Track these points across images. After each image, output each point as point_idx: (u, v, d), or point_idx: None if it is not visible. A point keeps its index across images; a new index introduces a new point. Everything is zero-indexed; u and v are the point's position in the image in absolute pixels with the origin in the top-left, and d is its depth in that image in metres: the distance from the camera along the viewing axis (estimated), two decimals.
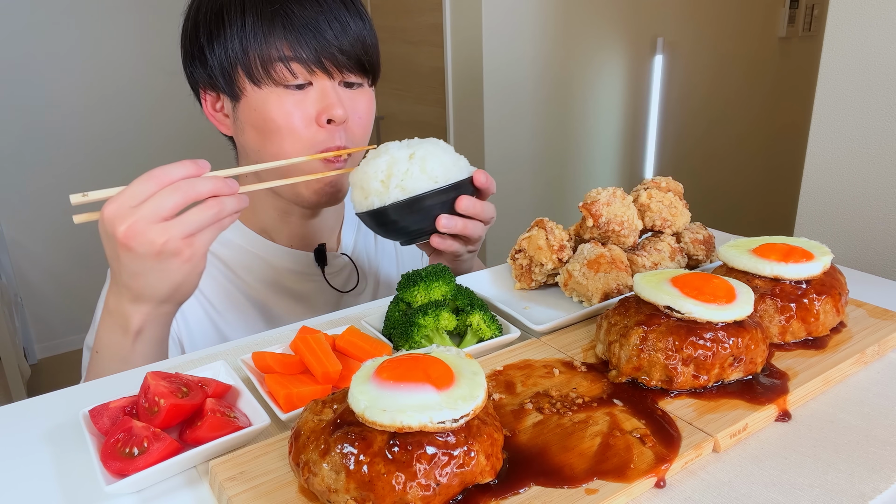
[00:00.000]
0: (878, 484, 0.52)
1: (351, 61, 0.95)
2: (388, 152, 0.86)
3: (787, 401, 0.62)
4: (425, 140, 0.89)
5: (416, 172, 0.84)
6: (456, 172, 0.87)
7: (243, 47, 0.93)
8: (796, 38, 3.23)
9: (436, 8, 2.55)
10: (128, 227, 0.70)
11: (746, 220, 3.43)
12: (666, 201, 0.92)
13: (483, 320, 0.75)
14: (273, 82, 0.93)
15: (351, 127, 0.98)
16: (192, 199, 0.72)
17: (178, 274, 0.74)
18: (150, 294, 0.76)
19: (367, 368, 0.53)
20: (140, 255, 0.71)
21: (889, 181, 1.18)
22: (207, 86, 1.00)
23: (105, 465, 0.54)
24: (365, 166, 0.87)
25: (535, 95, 2.68)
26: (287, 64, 0.92)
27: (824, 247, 0.77)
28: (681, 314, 0.64)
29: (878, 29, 1.15)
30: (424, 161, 0.85)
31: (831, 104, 1.24)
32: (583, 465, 0.53)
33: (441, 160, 0.86)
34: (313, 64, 0.93)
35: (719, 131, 3.22)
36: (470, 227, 0.89)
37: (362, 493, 0.47)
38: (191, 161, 0.73)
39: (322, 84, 0.95)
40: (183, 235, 0.72)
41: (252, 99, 0.95)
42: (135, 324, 0.78)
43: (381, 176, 0.85)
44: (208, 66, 0.97)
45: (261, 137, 0.97)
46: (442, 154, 0.87)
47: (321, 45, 0.92)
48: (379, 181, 0.85)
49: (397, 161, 0.85)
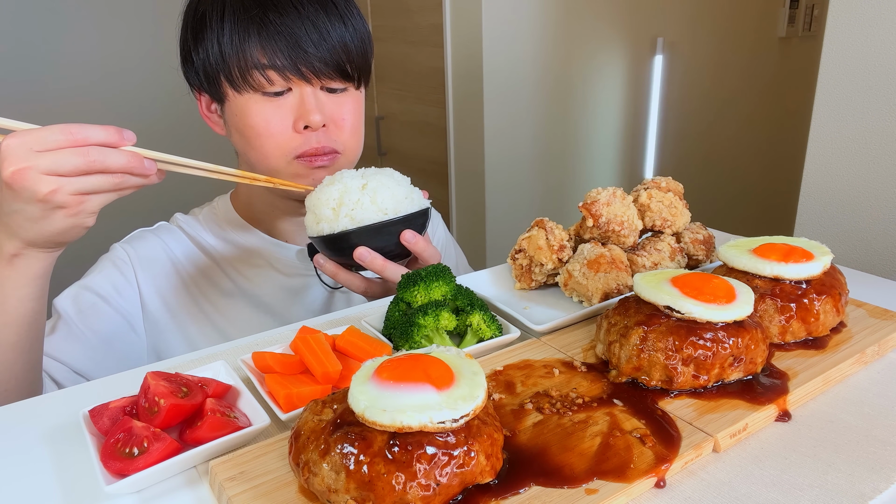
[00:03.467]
0: (878, 484, 0.52)
1: (329, 67, 0.95)
2: (343, 181, 0.88)
3: (787, 401, 0.62)
4: (380, 170, 0.92)
5: (367, 203, 0.87)
6: (407, 205, 0.89)
7: (222, 53, 0.93)
8: (796, 38, 3.23)
9: (436, 8, 2.55)
10: (17, 169, 0.68)
11: (746, 220, 3.43)
12: (666, 201, 0.92)
13: (483, 320, 0.75)
14: (252, 88, 0.94)
15: (335, 131, 0.99)
16: (96, 170, 0.70)
17: (58, 224, 0.72)
18: (22, 234, 0.74)
19: (367, 368, 0.53)
20: (21, 198, 0.69)
21: (889, 181, 1.18)
22: (198, 87, 1.01)
23: (105, 465, 0.54)
24: (319, 192, 0.89)
25: (536, 95, 2.68)
26: (262, 72, 0.93)
27: (824, 247, 0.77)
28: (681, 314, 0.64)
29: (878, 29, 1.15)
30: (376, 192, 0.87)
31: (831, 104, 1.24)
32: (583, 465, 0.53)
33: (392, 192, 0.88)
34: (289, 71, 0.93)
35: (719, 131, 3.21)
36: (389, 269, 0.88)
37: (362, 494, 0.47)
38: (116, 129, 0.72)
39: (301, 90, 0.95)
40: (74, 193, 0.70)
41: (234, 104, 0.96)
42: (7, 251, 0.75)
43: (332, 203, 0.87)
44: (195, 68, 0.98)
45: (244, 141, 0.98)
46: (395, 186, 0.89)
47: (297, 52, 0.92)
48: (330, 208, 0.87)
49: (349, 190, 0.87)
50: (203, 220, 1.10)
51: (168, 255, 1.05)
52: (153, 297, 1.02)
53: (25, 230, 0.73)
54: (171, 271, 1.04)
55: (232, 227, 1.09)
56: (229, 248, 1.08)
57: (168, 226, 1.09)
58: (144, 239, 1.05)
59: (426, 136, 2.83)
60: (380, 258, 0.88)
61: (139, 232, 1.07)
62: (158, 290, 1.03)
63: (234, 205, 1.11)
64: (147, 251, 1.04)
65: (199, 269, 1.06)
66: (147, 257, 1.03)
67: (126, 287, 1.00)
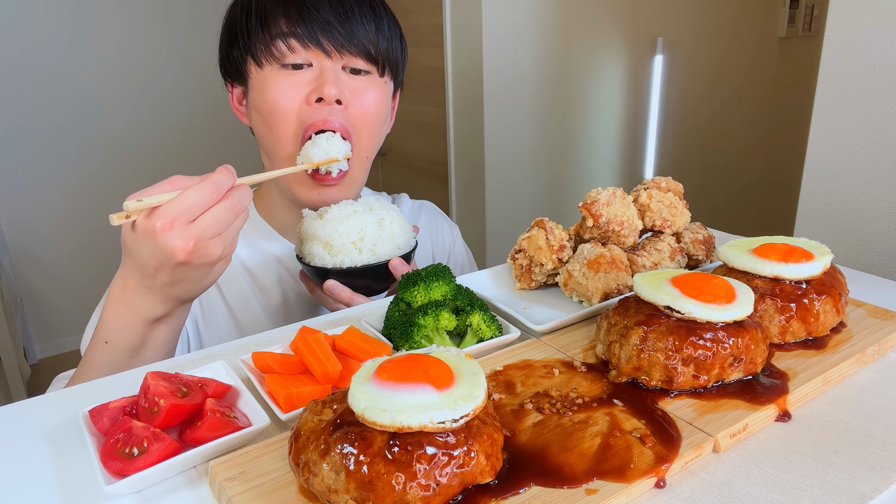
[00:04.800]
0: (878, 484, 0.52)
1: (351, 43, 0.95)
2: (360, 217, 0.93)
3: (787, 401, 0.62)
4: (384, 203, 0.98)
5: (386, 238, 0.94)
6: (410, 238, 0.98)
7: (248, 28, 0.95)
8: (796, 38, 3.23)
9: (436, 8, 2.55)
10: (192, 248, 0.69)
11: (746, 221, 3.43)
12: (666, 201, 0.92)
13: (483, 320, 0.75)
14: (273, 59, 0.95)
15: (352, 113, 0.98)
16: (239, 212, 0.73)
17: (218, 273, 0.76)
18: (186, 297, 0.77)
19: (367, 368, 0.53)
20: (196, 267, 0.72)
21: (889, 181, 1.18)
22: (231, 77, 1.04)
23: (105, 466, 0.54)
24: (336, 223, 0.92)
25: (536, 95, 2.68)
26: (284, 39, 0.94)
27: (824, 247, 0.77)
28: (681, 314, 0.64)
29: (878, 29, 1.15)
30: (392, 227, 0.95)
31: (831, 104, 1.24)
32: (583, 465, 0.53)
33: (402, 226, 0.96)
34: (308, 39, 0.94)
35: (719, 131, 3.21)
36: (357, 300, 0.92)
37: (362, 494, 0.47)
38: (228, 169, 0.73)
39: (321, 64, 0.96)
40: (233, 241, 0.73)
41: (255, 81, 0.97)
42: (156, 314, 0.78)
43: (353, 238, 0.92)
44: (230, 57, 1.01)
45: (262, 121, 0.99)
46: (403, 221, 0.97)
47: (319, 23, 0.94)
48: (351, 242, 0.92)
49: (368, 225, 0.93)
50: None
51: None
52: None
53: (189, 292, 0.76)
54: None
55: (257, 233, 1.09)
56: (251, 253, 1.08)
57: None
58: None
59: (426, 136, 2.83)
60: (347, 290, 0.92)
61: None
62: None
63: (258, 208, 1.12)
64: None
65: (228, 274, 1.06)
66: None
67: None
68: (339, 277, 0.93)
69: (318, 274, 0.93)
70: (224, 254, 0.73)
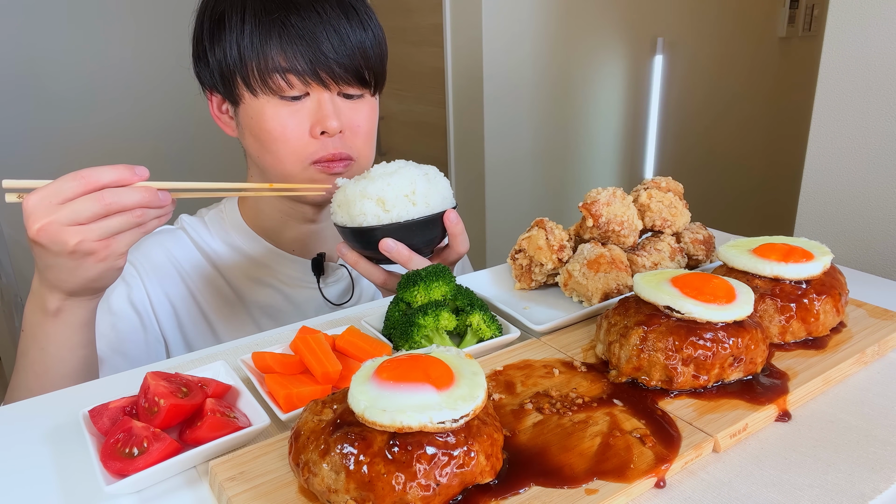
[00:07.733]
0: (878, 484, 0.52)
1: (348, 73, 0.95)
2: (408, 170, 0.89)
3: (787, 401, 0.62)
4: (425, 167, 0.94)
5: (434, 192, 0.90)
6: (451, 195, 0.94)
7: (241, 55, 0.92)
8: (796, 38, 3.23)
9: (436, 8, 2.55)
10: (41, 226, 0.69)
11: (746, 220, 3.43)
12: (666, 201, 0.92)
13: (483, 320, 0.75)
14: (269, 92, 0.93)
15: (350, 137, 0.98)
16: (114, 211, 0.71)
17: (92, 271, 0.74)
18: (62, 286, 0.76)
19: (367, 368, 0.53)
20: (52, 253, 0.71)
21: (889, 181, 1.18)
22: (212, 87, 1.00)
23: (105, 466, 0.54)
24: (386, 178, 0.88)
25: (536, 95, 2.68)
26: (283, 75, 0.92)
27: (824, 247, 0.77)
28: (681, 314, 0.64)
29: (878, 29, 1.15)
30: (438, 180, 0.91)
31: (831, 104, 1.24)
32: (583, 466, 0.53)
33: (444, 182, 0.93)
34: (309, 76, 0.92)
35: (719, 131, 3.21)
36: (415, 261, 0.88)
37: (362, 494, 0.47)
38: (126, 167, 0.72)
39: (319, 95, 0.95)
40: (99, 238, 0.71)
41: (249, 107, 0.96)
42: (51, 306, 0.78)
43: (406, 191, 0.88)
44: (210, 68, 0.97)
45: (258, 145, 0.97)
46: (442, 177, 0.94)
47: (317, 57, 0.92)
48: (404, 195, 0.88)
49: (418, 178, 0.89)
50: (210, 223, 1.08)
51: (171, 261, 1.04)
52: (163, 301, 1.02)
53: (63, 282, 0.75)
54: (176, 277, 1.03)
55: (238, 234, 1.07)
56: (234, 256, 1.07)
57: (171, 229, 1.08)
58: (144, 245, 1.03)
59: (426, 136, 2.83)
60: (405, 248, 0.88)
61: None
62: (167, 295, 1.02)
63: (242, 211, 1.09)
64: (149, 257, 1.02)
65: (202, 275, 1.05)
66: (152, 264, 1.02)
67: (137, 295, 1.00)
68: (395, 234, 0.88)
69: (368, 237, 0.88)
70: (89, 249, 0.71)
